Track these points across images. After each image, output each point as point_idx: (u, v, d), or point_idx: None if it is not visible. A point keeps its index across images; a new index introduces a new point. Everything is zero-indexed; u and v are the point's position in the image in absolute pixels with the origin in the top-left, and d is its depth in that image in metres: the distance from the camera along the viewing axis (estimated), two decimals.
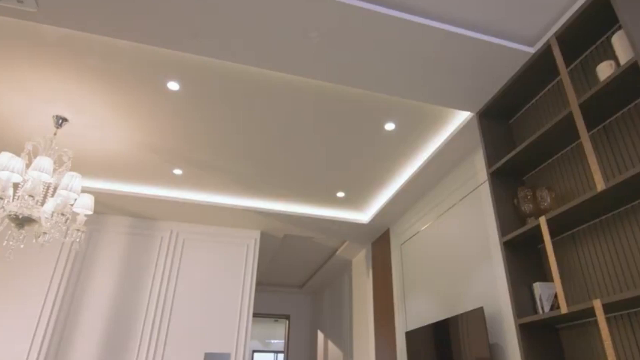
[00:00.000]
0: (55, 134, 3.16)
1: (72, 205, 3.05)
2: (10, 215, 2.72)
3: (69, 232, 3.03)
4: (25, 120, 3.19)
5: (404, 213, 4.30)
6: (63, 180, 2.80)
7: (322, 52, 2.25)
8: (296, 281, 7.57)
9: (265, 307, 7.93)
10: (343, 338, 5.85)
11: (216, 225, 4.89)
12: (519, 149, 2.28)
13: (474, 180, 3.21)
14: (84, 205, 3.11)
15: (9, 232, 2.69)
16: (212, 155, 3.59)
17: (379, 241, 4.91)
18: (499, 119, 2.71)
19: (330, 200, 4.32)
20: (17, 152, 3.51)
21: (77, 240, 3.00)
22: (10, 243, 2.73)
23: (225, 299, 4.57)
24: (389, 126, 3.09)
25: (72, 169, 3.88)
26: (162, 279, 4.50)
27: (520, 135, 2.60)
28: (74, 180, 2.83)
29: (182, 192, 4.26)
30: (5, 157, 2.64)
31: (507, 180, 2.50)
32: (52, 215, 2.71)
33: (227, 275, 4.68)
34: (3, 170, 2.58)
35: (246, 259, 4.83)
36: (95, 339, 4.10)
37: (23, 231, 2.81)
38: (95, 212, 4.56)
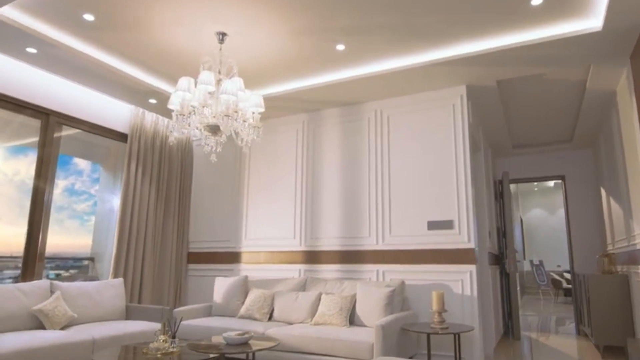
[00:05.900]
0: (220, 49, 3.56)
1: (246, 108, 3.43)
2: (204, 125, 3.33)
3: (250, 130, 3.45)
4: (193, 44, 3.72)
5: None
6: (222, 86, 3.16)
7: None
8: (561, 136, 6.23)
9: (535, 170, 7.04)
10: (620, 192, 4.51)
11: (414, 93, 4.51)
12: None
13: None
14: (255, 104, 3.46)
15: (206, 138, 3.30)
16: (361, 16, 3.23)
17: (638, 51, 3.33)
18: None
19: (527, 13, 3.19)
20: (196, 75, 4.21)
21: (257, 136, 3.39)
22: (211, 146, 3.35)
23: (439, 166, 4.28)
24: None
25: (253, 80, 4.34)
26: (376, 156, 4.62)
27: None
28: (230, 84, 3.15)
29: (361, 68, 4.10)
30: (179, 81, 3.19)
31: None
32: (222, 118, 3.14)
33: (437, 142, 4.33)
34: (177, 91, 3.15)
35: (454, 120, 4.29)
36: (336, 207, 4.75)
37: (217, 138, 3.40)
38: (308, 110, 5.01)
